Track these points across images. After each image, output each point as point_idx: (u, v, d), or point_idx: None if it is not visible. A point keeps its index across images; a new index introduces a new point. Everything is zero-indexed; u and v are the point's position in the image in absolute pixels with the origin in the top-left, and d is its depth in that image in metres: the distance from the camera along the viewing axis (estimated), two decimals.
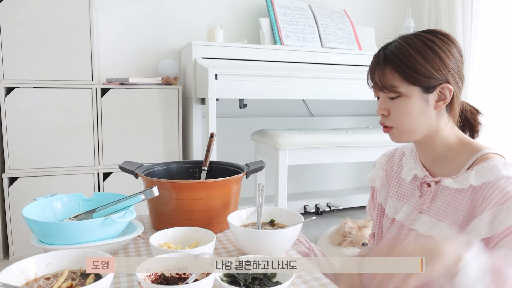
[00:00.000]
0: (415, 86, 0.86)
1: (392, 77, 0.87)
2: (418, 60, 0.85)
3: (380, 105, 0.92)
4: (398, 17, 3.07)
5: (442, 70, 0.86)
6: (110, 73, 2.46)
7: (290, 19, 2.54)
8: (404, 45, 0.88)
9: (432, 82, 0.86)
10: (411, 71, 0.85)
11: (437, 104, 0.88)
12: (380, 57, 0.91)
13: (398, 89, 0.87)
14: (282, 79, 2.16)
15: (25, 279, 0.69)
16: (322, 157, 2.20)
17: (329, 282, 0.80)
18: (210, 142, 1.26)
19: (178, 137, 2.29)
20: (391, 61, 0.88)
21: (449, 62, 0.86)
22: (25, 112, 2.03)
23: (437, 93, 0.87)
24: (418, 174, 0.96)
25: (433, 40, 0.87)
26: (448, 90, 0.87)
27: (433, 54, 0.86)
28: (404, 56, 0.86)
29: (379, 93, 0.92)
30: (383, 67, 0.89)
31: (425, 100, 0.87)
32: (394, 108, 0.89)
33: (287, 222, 0.99)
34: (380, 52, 0.92)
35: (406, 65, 0.86)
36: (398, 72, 0.87)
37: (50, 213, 0.99)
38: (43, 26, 2.02)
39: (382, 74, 0.89)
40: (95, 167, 2.16)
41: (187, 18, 2.60)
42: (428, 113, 0.88)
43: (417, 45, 0.86)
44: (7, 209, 2.03)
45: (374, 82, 0.92)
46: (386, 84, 0.88)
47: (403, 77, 0.86)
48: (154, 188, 0.93)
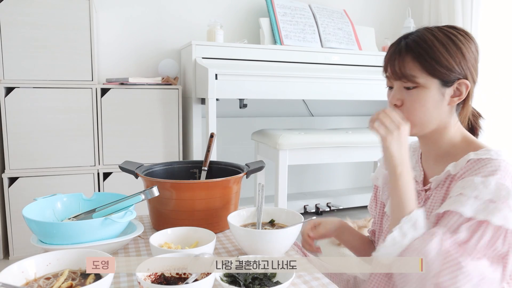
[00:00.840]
0: (435, 78, 0.85)
1: (413, 66, 0.86)
2: (442, 52, 0.85)
3: (394, 95, 0.90)
4: (398, 17, 3.07)
5: (463, 65, 0.86)
6: (110, 73, 2.46)
7: (290, 19, 2.54)
8: (428, 35, 0.87)
9: (452, 76, 0.85)
10: (433, 62, 0.84)
11: (452, 100, 0.88)
12: (401, 45, 0.89)
13: (417, 79, 0.86)
14: (282, 79, 2.16)
15: (25, 279, 0.69)
16: (322, 157, 2.20)
17: (329, 282, 0.80)
18: (210, 142, 1.26)
19: (178, 137, 2.29)
20: (413, 50, 0.86)
21: (469, 58, 0.86)
22: (25, 112, 2.03)
23: (454, 89, 0.87)
24: (416, 178, 0.96)
25: (455, 34, 0.87)
26: (465, 86, 0.87)
27: (456, 48, 0.85)
28: (428, 45, 0.85)
29: (395, 82, 0.91)
30: (405, 55, 0.87)
31: (442, 93, 0.87)
32: (410, 99, 0.88)
33: (287, 222, 0.99)
34: (401, 40, 0.90)
35: (429, 55, 0.85)
36: (419, 62, 0.86)
37: (50, 213, 0.99)
38: (43, 26, 2.02)
39: (403, 62, 0.87)
40: (95, 167, 2.16)
41: (187, 18, 2.60)
42: (442, 108, 0.88)
43: (441, 38, 0.86)
44: (7, 209, 2.03)
45: (393, 70, 0.89)
46: (406, 73, 0.87)
47: (424, 67, 0.85)
48: (154, 188, 0.93)
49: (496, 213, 0.75)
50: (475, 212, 0.76)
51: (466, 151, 0.88)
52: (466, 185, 0.79)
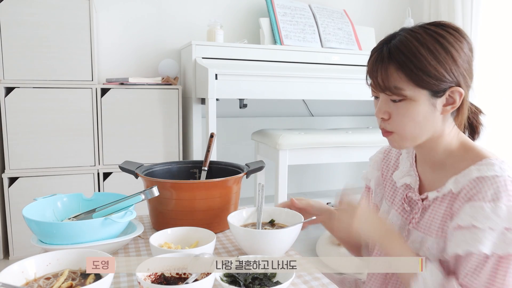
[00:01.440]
0: (423, 89, 0.77)
1: (397, 77, 0.77)
2: (429, 61, 0.75)
3: (380, 108, 0.82)
4: (398, 17, 3.07)
5: (454, 72, 0.77)
6: (110, 73, 2.46)
7: (290, 19, 2.54)
8: (411, 40, 0.77)
9: (442, 85, 0.77)
10: (420, 72, 0.75)
11: (445, 109, 0.80)
12: (383, 53, 0.79)
13: (404, 92, 0.77)
14: (282, 79, 2.16)
15: (25, 279, 0.69)
16: (322, 157, 2.20)
17: (329, 282, 0.80)
18: (210, 142, 1.26)
19: (178, 137, 2.29)
20: (396, 58, 0.77)
21: (461, 62, 0.77)
22: (25, 112, 2.03)
23: (446, 97, 0.79)
24: (411, 184, 0.91)
25: (443, 35, 0.77)
26: (458, 94, 0.78)
27: (445, 53, 0.76)
28: (412, 53, 0.76)
29: (380, 94, 0.82)
30: (388, 65, 0.78)
31: (432, 104, 0.78)
32: (397, 113, 0.80)
33: (287, 222, 0.99)
34: (383, 47, 0.80)
35: (415, 65, 0.75)
36: (404, 73, 0.76)
37: (50, 213, 0.99)
38: (43, 26, 2.02)
39: (386, 73, 0.78)
40: (95, 167, 2.16)
41: (187, 18, 2.60)
42: (434, 119, 0.80)
43: (428, 42, 0.76)
44: (7, 209, 2.03)
45: (375, 82, 0.81)
46: (389, 85, 0.78)
47: (410, 78, 0.76)
48: (154, 188, 0.93)
49: None
50: (494, 247, 0.71)
51: (464, 159, 0.81)
52: (476, 214, 0.72)
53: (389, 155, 1.02)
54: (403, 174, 0.94)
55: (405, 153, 0.98)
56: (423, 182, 0.90)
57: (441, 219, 0.81)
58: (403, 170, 0.95)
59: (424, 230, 0.84)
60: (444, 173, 0.84)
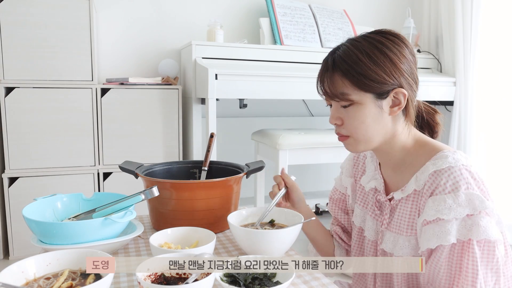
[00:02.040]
0: (368, 92, 0.82)
1: (342, 84, 0.83)
2: (368, 65, 0.80)
3: (333, 114, 0.88)
4: (398, 17, 3.07)
5: (394, 74, 0.81)
6: (110, 73, 2.46)
7: (290, 19, 2.54)
8: (352, 49, 0.82)
9: (384, 87, 0.81)
10: (361, 77, 0.80)
11: (392, 110, 0.84)
12: (328, 64, 0.85)
13: (350, 96, 0.82)
14: (282, 79, 2.16)
15: (25, 279, 0.69)
16: (322, 157, 2.20)
17: (329, 282, 0.80)
18: (210, 142, 1.26)
19: (178, 137, 2.29)
20: (340, 67, 0.83)
21: (401, 65, 0.82)
22: (25, 112, 2.03)
23: (391, 99, 0.83)
24: (377, 187, 0.95)
25: (382, 41, 0.82)
26: (402, 95, 0.83)
27: (384, 58, 0.81)
28: (353, 61, 0.81)
29: (331, 101, 0.88)
30: (332, 74, 0.84)
31: (379, 106, 0.83)
32: (348, 117, 0.85)
33: (287, 222, 0.99)
34: (329, 57, 0.86)
35: (356, 71, 0.81)
36: (348, 79, 0.82)
37: (50, 213, 0.99)
38: (43, 26, 2.02)
39: (332, 81, 0.84)
40: (95, 167, 2.16)
41: (187, 18, 2.60)
42: (383, 120, 0.84)
43: (366, 48, 0.81)
44: (7, 209, 2.03)
45: (323, 91, 0.87)
46: (336, 92, 0.84)
47: (354, 84, 0.81)
48: (154, 188, 0.93)
49: (475, 228, 0.74)
50: (458, 233, 0.75)
51: (422, 155, 0.85)
52: (439, 207, 0.77)
53: (358, 160, 1.06)
54: (369, 179, 0.98)
55: (369, 157, 1.01)
56: (388, 184, 0.94)
57: (409, 217, 0.85)
58: (369, 174, 0.99)
59: (395, 230, 0.88)
60: (405, 172, 0.88)
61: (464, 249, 0.75)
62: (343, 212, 1.09)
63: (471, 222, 0.75)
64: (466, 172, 0.78)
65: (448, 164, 0.79)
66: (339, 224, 1.10)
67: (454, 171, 0.78)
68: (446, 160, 0.80)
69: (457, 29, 2.59)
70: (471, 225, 0.75)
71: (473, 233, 0.74)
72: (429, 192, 0.80)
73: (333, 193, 1.12)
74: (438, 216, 0.77)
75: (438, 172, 0.80)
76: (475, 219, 0.75)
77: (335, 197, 1.10)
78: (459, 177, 0.77)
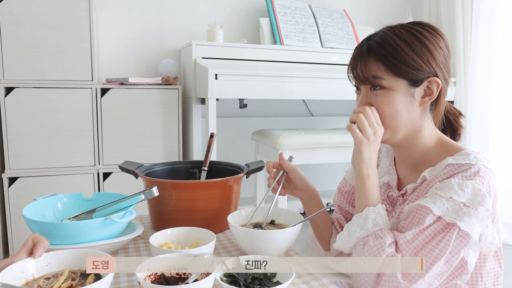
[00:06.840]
0: (402, 78, 0.81)
1: (376, 68, 0.82)
2: (406, 51, 0.80)
3: (362, 99, 0.87)
4: (398, 17, 3.07)
5: (431, 62, 0.81)
6: (110, 73, 2.46)
7: (290, 19, 2.54)
8: (390, 35, 0.82)
9: (420, 74, 0.81)
10: (398, 62, 0.80)
11: (423, 100, 0.84)
12: (363, 48, 0.85)
13: (382, 81, 0.82)
14: (282, 79, 2.16)
15: (25, 279, 0.69)
16: (322, 157, 2.20)
17: (329, 282, 0.80)
18: (210, 142, 1.26)
19: (178, 137, 2.29)
20: (376, 51, 0.82)
21: (437, 55, 0.82)
22: (25, 112, 2.03)
23: (424, 88, 0.83)
24: (390, 182, 0.94)
25: (420, 31, 0.83)
26: (436, 84, 0.82)
27: (422, 46, 0.81)
28: (391, 46, 0.81)
29: (361, 86, 0.87)
30: (367, 58, 0.83)
31: (410, 94, 0.83)
32: (377, 102, 0.84)
33: (287, 222, 0.99)
34: (364, 42, 0.86)
35: (393, 55, 0.81)
36: (383, 63, 0.81)
37: (50, 213, 0.99)
38: (43, 26, 2.02)
39: (365, 65, 0.83)
40: (95, 167, 2.16)
41: (187, 18, 2.60)
42: (413, 110, 0.84)
43: (405, 36, 0.82)
44: (7, 209, 2.03)
45: (355, 74, 0.86)
46: (368, 75, 0.83)
47: (389, 68, 0.81)
48: (154, 188, 0.93)
49: (466, 218, 0.74)
50: (444, 212, 0.75)
51: (441, 155, 0.84)
52: (443, 186, 0.77)
53: None
54: (382, 173, 0.97)
55: (384, 152, 1.00)
56: (402, 180, 0.93)
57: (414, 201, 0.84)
58: (383, 169, 0.98)
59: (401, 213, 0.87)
60: (422, 170, 0.86)
61: (444, 229, 0.75)
62: (349, 205, 1.07)
63: (465, 211, 0.74)
64: (484, 170, 0.77)
65: (469, 161, 0.78)
66: (343, 213, 1.08)
67: (473, 167, 0.77)
68: (468, 158, 0.79)
69: (457, 29, 2.59)
70: (462, 213, 0.74)
71: (460, 220, 0.74)
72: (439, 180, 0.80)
73: (342, 185, 1.09)
74: (436, 192, 0.77)
75: (455, 165, 0.79)
76: (468, 210, 0.75)
77: (345, 189, 1.08)
78: (475, 172, 0.77)
